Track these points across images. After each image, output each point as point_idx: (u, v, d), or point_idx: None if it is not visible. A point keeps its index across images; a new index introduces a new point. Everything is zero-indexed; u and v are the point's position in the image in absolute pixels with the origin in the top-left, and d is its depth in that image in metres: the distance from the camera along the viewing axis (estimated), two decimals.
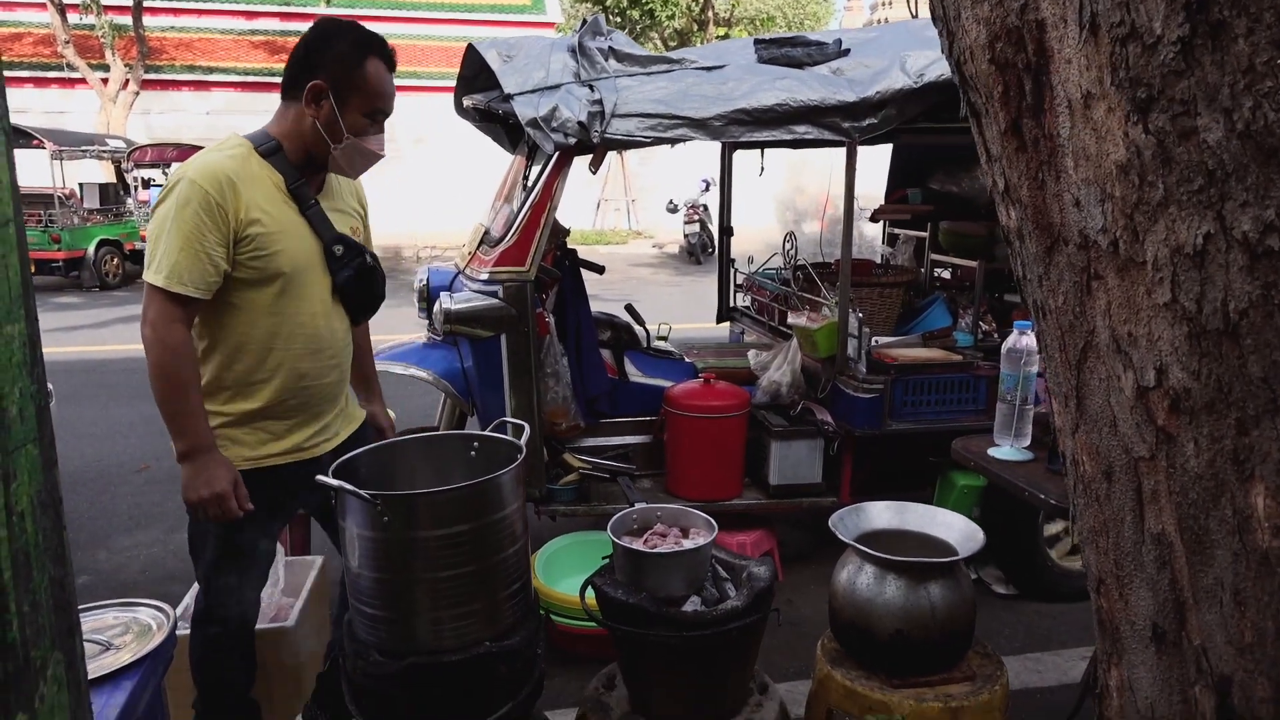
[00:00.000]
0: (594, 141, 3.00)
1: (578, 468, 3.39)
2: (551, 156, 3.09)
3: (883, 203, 4.77)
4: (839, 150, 3.31)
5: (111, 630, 1.84)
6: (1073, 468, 1.17)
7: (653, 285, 12.13)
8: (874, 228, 5.25)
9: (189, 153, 12.85)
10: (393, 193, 19.00)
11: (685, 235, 15.26)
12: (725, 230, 4.67)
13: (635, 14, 19.26)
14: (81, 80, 16.01)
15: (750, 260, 4.49)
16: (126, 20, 16.45)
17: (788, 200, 14.89)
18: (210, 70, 18.61)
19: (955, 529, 2.09)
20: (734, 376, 3.57)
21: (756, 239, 8.13)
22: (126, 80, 15.98)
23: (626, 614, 1.89)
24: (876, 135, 3.27)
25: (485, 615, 1.68)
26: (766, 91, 3.11)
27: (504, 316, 3.11)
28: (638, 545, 1.97)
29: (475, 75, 3.58)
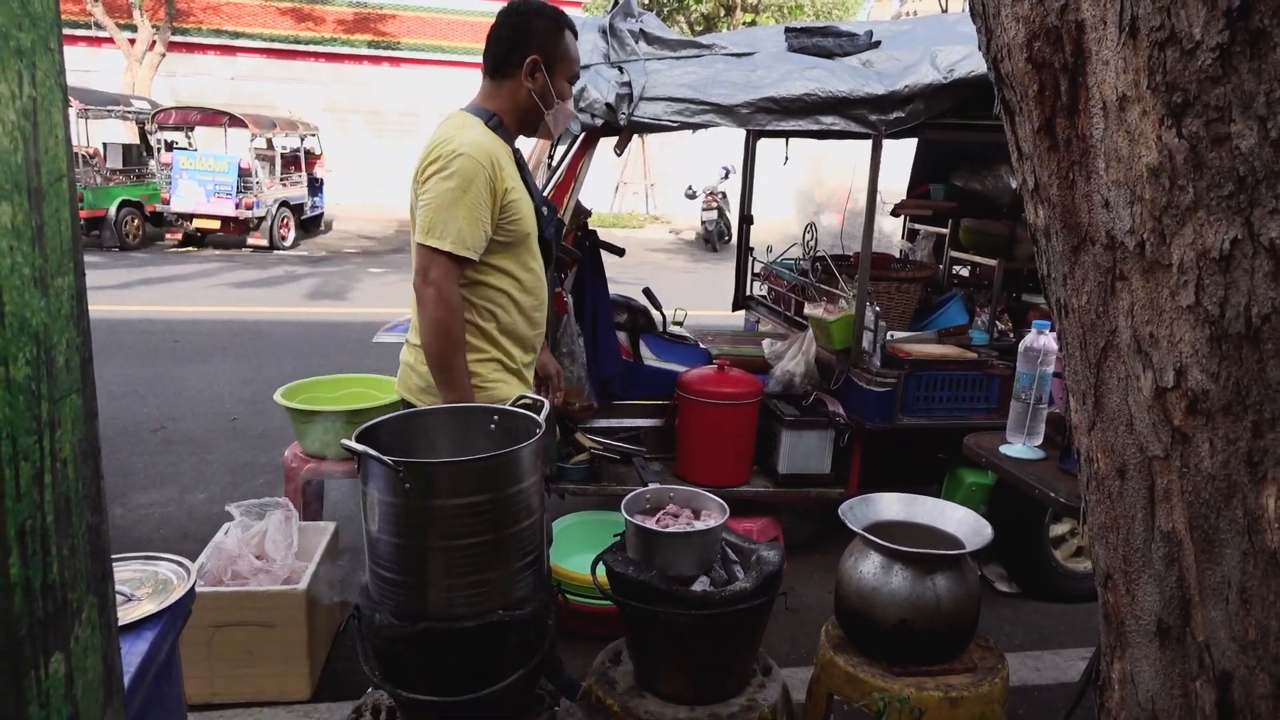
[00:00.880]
0: (621, 124, 3.01)
1: (589, 447, 3.42)
2: (578, 137, 3.10)
3: (904, 197, 4.75)
4: (861, 143, 3.31)
5: (133, 583, 1.89)
6: (1086, 464, 1.19)
7: (668, 270, 12.13)
8: (894, 222, 5.23)
9: (213, 117, 12.88)
10: (414, 167, 19.05)
11: (703, 222, 15.20)
12: (745, 219, 4.67)
13: None
14: (108, 39, 16.02)
15: (769, 249, 4.49)
16: None
17: (807, 192, 14.82)
18: (236, 35, 18.63)
19: (963, 523, 2.11)
20: (748, 364, 3.59)
21: (774, 229, 8.11)
22: (153, 41, 16.01)
23: (636, 590, 1.92)
24: (903, 129, 3.26)
25: (499, 585, 1.71)
26: (795, 81, 3.11)
27: None
28: (650, 524, 2.00)
29: None
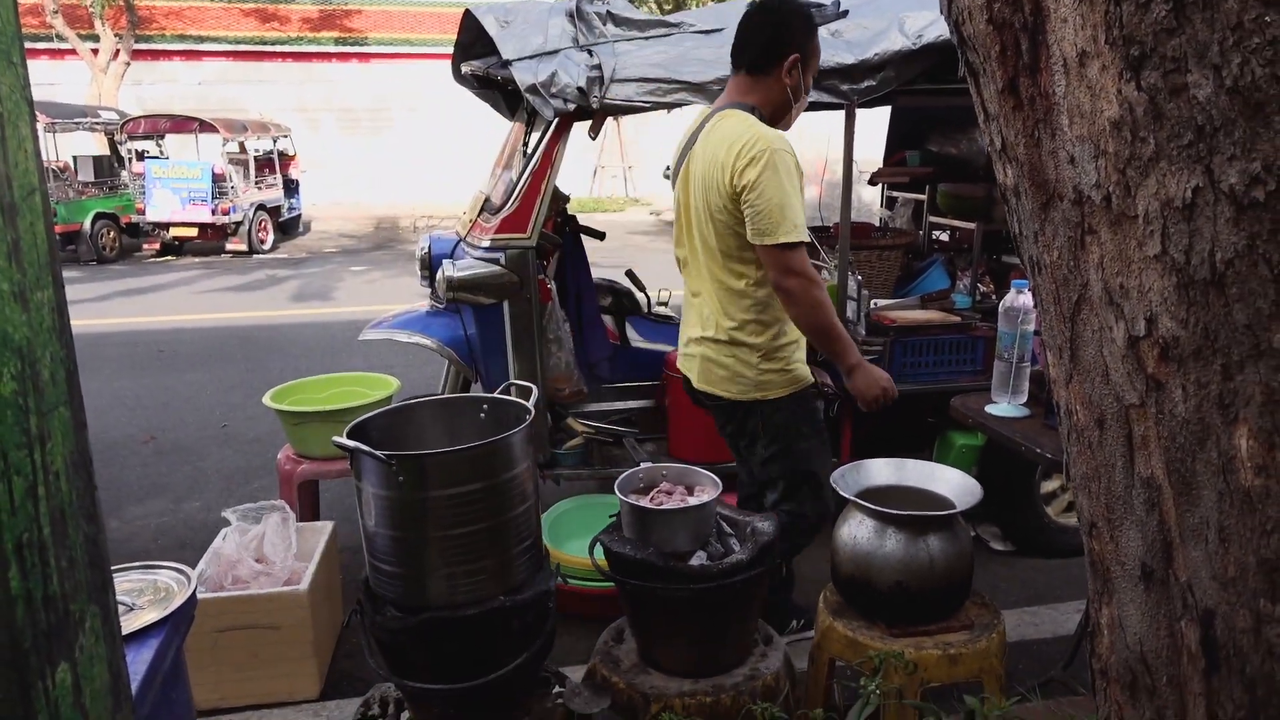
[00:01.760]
0: (593, 107, 3.01)
1: (581, 432, 3.44)
2: (551, 123, 3.10)
3: (881, 166, 4.76)
4: (836, 114, 3.31)
5: (134, 592, 1.89)
6: (1066, 418, 1.21)
7: (651, 252, 12.10)
8: (872, 191, 5.24)
9: (183, 124, 12.72)
10: (387, 163, 18.91)
11: None
12: None
13: None
14: (71, 51, 15.80)
15: None
16: None
17: None
18: (201, 39, 18.38)
19: (952, 484, 2.14)
20: None
21: None
22: (117, 50, 15.79)
23: (635, 569, 1.94)
24: (875, 98, 3.27)
25: (498, 571, 1.74)
26: None
27: (506, 283, 3.14)
28: (644, 503, 2.02)
29: (473, 42, 3.57)
